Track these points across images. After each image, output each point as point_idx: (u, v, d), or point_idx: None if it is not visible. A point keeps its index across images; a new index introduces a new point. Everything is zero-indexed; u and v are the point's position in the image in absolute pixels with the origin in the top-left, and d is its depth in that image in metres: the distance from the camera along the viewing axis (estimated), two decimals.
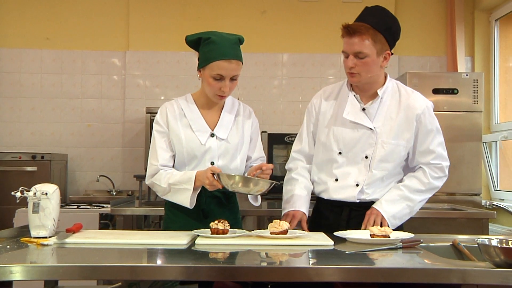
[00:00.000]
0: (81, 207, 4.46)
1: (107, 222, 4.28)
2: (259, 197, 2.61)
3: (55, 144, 5.69)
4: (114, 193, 5.53)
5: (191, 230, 2.48)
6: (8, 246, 2.08)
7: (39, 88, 5.73)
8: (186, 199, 2.50)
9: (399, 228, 2.55)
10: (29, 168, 5.08)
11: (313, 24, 5.73)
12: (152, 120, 5.12)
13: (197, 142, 2.59)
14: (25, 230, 2.38)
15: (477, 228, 3.75)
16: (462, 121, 4.90)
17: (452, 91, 4.97)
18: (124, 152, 5.68)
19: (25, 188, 2.22)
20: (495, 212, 3.88)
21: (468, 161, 4.95)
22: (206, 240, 2.18)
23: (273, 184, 2.38)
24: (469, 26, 5.72)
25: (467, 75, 5.01)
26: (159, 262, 1.91)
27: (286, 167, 2.78)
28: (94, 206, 4.50)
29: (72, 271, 1.73)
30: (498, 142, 5.40)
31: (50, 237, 2.24)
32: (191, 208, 2.53)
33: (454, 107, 4.88)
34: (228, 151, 2.62)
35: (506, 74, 5.62)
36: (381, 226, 2.45)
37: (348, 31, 2.49)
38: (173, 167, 2.70)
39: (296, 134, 2.81)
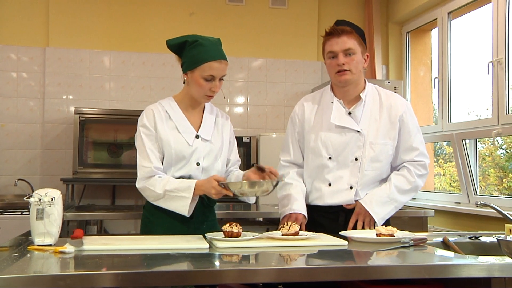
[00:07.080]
0: (24, 213, 4.16)
1: None
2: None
3: None
4: None
5: (177, 232, 2.53)
6: (28, 255, 1.93)
7: None
8: (183, 207, 2.51)
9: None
10: None
11: (240, 28, 5.78)
12: (81, 121, 4.90)
13: (185, 143, 2.63)
14: (23, 238, 2.21)
15: (418, 225, 4.02)
16: None
17: None
18: (44, 154, 5.32)
19: (38, 193, 2.07)
20: (433, 210, 4.20)
21: None
22: (226, 243, 2.18)
23: (278, 183, 2.42)
24: (384, 36, 6.10)
25: (389, 82, 5.32)
26: (198, 266, 1.88)
27: None
28: None
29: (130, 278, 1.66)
30: None
31: (54, 244, 2.11)
32: (188, 216, 2.54)
33: None
34: (212, 152, 2.68)
35: (416, 83, 6.08)
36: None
37: (336, 31, 2.67)
38: None
39: None
